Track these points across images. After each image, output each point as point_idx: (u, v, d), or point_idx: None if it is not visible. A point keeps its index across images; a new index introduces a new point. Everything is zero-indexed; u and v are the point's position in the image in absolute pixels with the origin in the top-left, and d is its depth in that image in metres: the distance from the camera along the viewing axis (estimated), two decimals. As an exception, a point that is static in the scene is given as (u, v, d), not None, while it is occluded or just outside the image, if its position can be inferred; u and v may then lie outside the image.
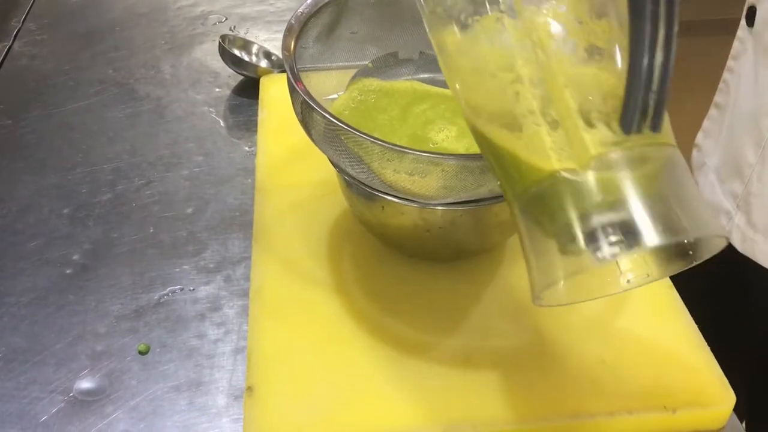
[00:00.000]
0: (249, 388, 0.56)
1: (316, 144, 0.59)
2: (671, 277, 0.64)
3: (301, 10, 0.62)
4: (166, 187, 0.77)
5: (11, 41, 1.00)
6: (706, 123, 0.83)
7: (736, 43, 0.77)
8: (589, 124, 0.42)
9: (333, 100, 0.67)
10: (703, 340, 0.59)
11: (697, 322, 0.61)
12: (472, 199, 0.57)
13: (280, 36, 0.60)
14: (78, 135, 0.84)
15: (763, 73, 0.70)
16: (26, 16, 1.06)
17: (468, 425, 0.54)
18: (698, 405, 0.55)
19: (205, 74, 0.95)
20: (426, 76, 0.70)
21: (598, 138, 0.41)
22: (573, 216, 0.41)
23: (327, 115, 0.56)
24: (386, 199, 0.59)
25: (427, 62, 0.69)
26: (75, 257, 0.69)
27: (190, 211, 0.74)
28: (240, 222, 0.72)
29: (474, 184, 0.56)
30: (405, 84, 0.69)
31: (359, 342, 0.59)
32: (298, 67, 0.60)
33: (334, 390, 0.56)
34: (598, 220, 0.40)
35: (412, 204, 0.59)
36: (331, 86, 0.67)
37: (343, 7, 0.64)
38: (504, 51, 0.43)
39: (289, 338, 0.59)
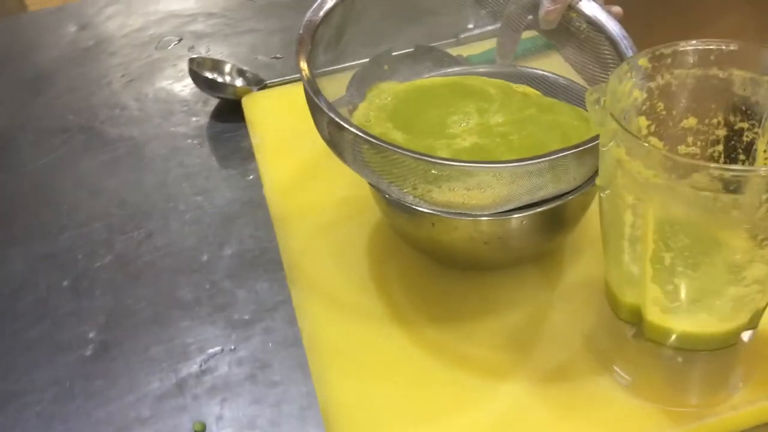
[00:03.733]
0: (333, 452, 0.50)
1: (348, 164, 0.54)
2: None
3: (307, 18, 0.56)
4: (170, 236, 0.69)
5: (-49, 100, 0.91)
6: None
7: None
8: None
9: (340, 99, 0.61)
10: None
11: None
12: (531, 202, 0.52)
13: (242, 49, 0.55)
14: (55, 194, 0.75)
15: None
16: (-40, 69, 0.96)
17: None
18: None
19: (174, 104, 0.87)
20: (441, 71, 0.65)
21: None
22: None
23: (362, 134, 0.51)
24: (436, 215, 0.54)
25: (439, 57, 0.65)
26: (91, 335, 0.61)
27: (204, 259, 0.67)
28: (263, 261, 0.66)
29: (532, 188, 0.51)
30: (424, 82, 0.63)
31: (438, 375, 0.54)
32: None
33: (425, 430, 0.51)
34: None
35: (466, 217, 0.54)
36: (340, 86, 0.61)
37: (350, 10, 0.58)
38: None
39: (361, 384, 0.54)
